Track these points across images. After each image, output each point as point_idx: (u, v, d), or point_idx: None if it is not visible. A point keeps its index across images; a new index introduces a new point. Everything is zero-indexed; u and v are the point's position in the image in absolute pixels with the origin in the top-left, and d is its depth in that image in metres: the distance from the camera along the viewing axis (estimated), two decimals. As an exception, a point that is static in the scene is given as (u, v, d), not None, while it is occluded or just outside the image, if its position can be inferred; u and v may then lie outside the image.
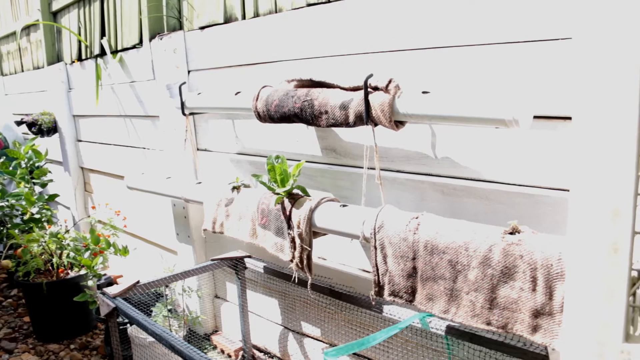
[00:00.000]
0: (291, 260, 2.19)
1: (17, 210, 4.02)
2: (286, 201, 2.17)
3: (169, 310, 3.02)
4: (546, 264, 1.44)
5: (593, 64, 0.89)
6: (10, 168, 4.35)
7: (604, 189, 0.88)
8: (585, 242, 0.91)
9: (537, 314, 1.48)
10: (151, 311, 3.00)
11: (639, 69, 0.86)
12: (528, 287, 1.49)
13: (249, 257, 2.79)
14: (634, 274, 0.95)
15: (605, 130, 0.88)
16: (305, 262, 2.15)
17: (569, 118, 1.63)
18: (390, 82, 1.84)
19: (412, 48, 2.01)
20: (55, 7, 4.62)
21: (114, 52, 3.82)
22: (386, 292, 1.84)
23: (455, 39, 1.88)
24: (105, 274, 4.06)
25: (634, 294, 0.97)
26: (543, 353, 1.67)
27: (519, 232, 1.54)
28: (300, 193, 2.20)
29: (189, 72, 3.12)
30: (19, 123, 4.88)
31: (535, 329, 1.49)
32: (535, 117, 1.64)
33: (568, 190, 1.60)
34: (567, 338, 0.95)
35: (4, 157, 4.55)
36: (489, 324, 1.58)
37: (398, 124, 1.88)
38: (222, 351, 3.14)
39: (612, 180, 0.87)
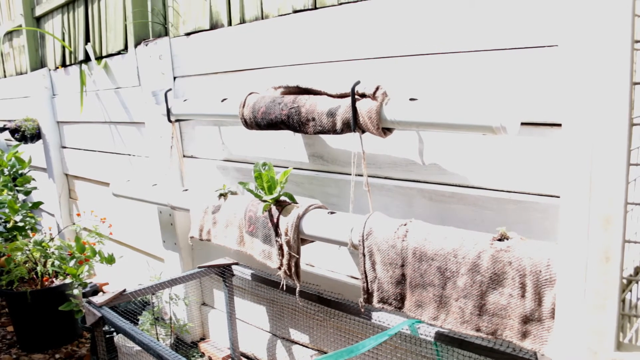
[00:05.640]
0: (279, 268, 2.17)
1: (0, 218, 3.97)
2: (273, 208, 2.16)
3: (156, 319, 2.99)
4: (535, 270, 1.44)
5: (583, 71, 0.90)
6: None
7: (595, 197, 0.88)
8: (576, 250, 0.91)
9: (526, 320, 1.48)
10: (138, 319, 2.97)
11: (628, 76, 0.86)
12: (517, 293, 1.49)
13: (237, 264, 2.78)
14: (623, 281, 0.95)
15: (595, 138, 0.88)
16: (293, 269, 2.14)
17: (558, 125, 1.64)
18: (377, 89, 1.83)
19: (399, 55, 2.01)
20: (38, 12, 4.57)
21: (99, 58, 3.79)
22: (375, 299, 1.84)
23: (442, 46, 1.89)
24: (91, 282, 4.01)
25: (622, 301, 0.97)
26: (532, 359, 1.67)
27: (507, 239, 1.54)
28: (287, 200, 2.19)
29: (174, 78, 3.10)
30: (1, 129, 4.81)
31: (524, 335, 1.50)
32: (523, 123, 1.64)
33: (558, 197, 1.61)
34: (558, 347, 0.95)
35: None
36: (478, 330, 1.58)
37: (386, 131, 1.88)
38: (210, 359, 3.12)
39: (603, 188, 0.87)
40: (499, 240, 1.55)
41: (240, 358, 2.96)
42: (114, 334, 2.94)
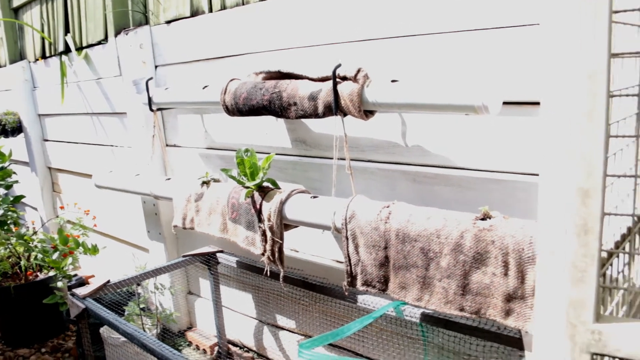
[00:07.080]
0: (263, 254, 2.17)
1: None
2: (256, 194, 2.15)
3: (142, 309, 2.97)
4: (517, 248, 1.44)
5: (561, 43, 0.89)
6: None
7: (574, 170, 0.87)
8: (555, 223, 0.90)
9: (509, 298, 1.49)
10: (124, 310, 2.95)
11: (606, 48, 0.85)
12: (500, 272, 1.49)
13: (221, 252, 2.76)
14: (604, 254, 0.95)
15: (573, 110, 0.88)
16: (277, 255, 2.13)
17: (539, 103, 1.64)
18: (358, 71, 1.82)
19: (380, 37, 2.00)
20: (16, 3, 4.50)
21: (79, 48, 3.74)
22: (359, 282, 1.84)
23: (423, 27, 1.88)
24: (76, 275, 3.98)
25: (603, 275, 0.97)
26: (517, 336, 1.68)
27: (490, 218, 1.54)
28: (270, 186, 2.18)
29: (156, 67, 3.07)
30: (-19, 124, 4.76)
31: (508, 313, 1.50)
32: (505, 103, 1.64)
33: (537, 174, 1.61)
34: (538, 320, 0.96)
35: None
36: (462, 310, 1.59)
37: (367, 113, 1.87)
38: (198, 347, 3.11)
39: (582, 161, 0.86)
40: (482, 219, 1.55)
41: (228, 345, 2.96)
42: (100, 325, 2.92)
